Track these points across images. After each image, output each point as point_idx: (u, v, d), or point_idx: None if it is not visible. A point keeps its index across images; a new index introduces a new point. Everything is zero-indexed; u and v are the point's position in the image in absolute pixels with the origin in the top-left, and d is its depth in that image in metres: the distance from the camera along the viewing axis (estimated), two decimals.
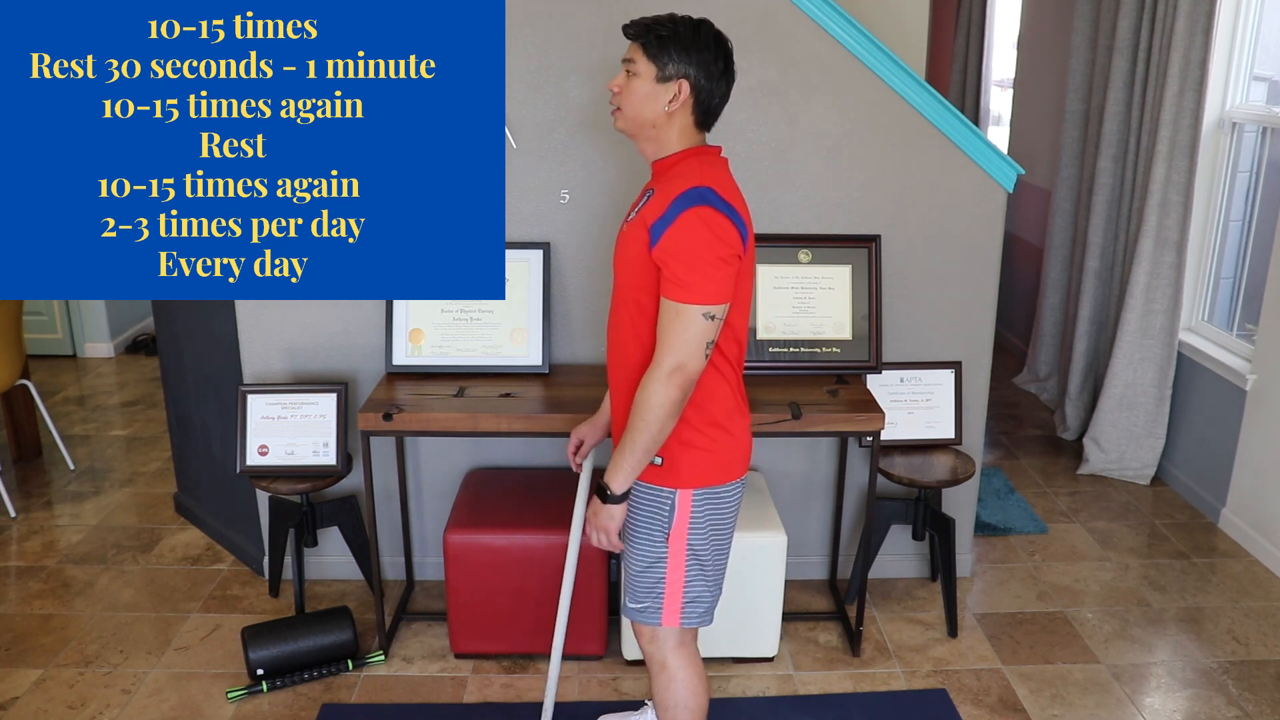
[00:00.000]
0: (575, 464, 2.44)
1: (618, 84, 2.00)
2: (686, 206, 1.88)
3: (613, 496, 2.01)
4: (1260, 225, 3.82)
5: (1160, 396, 4.01)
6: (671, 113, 1.96)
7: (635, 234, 1.97)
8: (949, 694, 2.82)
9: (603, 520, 2.04)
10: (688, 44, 1.94)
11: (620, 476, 1.99)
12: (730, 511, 2.13)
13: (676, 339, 1.88)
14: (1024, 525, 3.74)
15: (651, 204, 1.95)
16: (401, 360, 2.95)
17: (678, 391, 1.90)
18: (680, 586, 2.10)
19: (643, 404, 1.91)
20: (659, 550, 2.08)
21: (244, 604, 3.23)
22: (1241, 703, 2.79)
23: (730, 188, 1.98)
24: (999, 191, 3.03)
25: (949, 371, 3.12)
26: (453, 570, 2.82)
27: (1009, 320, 5.69)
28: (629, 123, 2.00)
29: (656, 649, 2.17)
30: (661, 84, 1.95)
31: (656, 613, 2.12)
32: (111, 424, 4.73)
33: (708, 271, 1.87)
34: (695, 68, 1.94)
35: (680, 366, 1.89)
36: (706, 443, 2.04)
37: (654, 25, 1.95)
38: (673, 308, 1.89)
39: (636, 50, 1.96)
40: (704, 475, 2.05)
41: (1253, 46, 3.78)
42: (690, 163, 1.98)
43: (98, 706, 2.75)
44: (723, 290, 1.89)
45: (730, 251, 1.90)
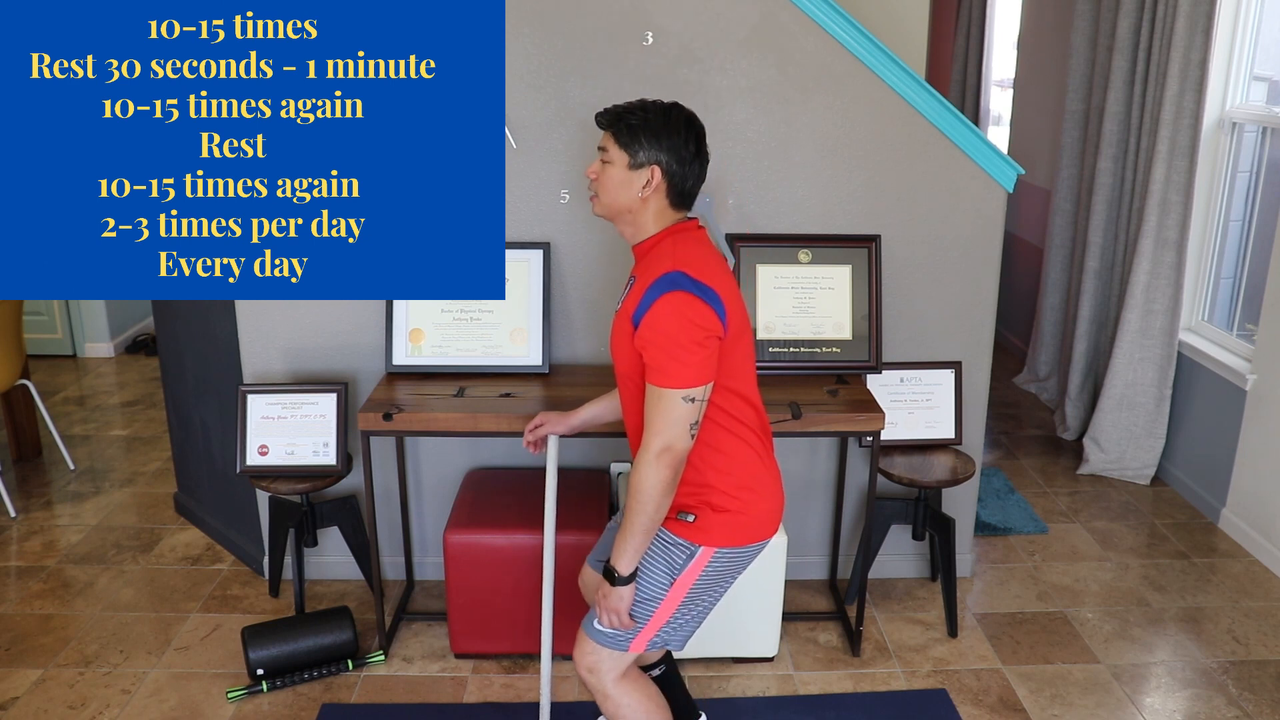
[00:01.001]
0: (527, 442, 2.46)
1: (594, 171, 2.06)
2: (659, 295, 1.92)
3: (621, 579, 2.02)
4: (1260, 225, 3.82)
5: (1160, 396, 4.02)
6: (645, 198, 2.02)
7: (621, 324, 2.03)
8: (949, 694, 2.82)
9: (613, 602, 2.04)
10: (657, 130, 1.99)
11: (625, 559, 2.00)
12: (744, 568, 2.15)
13: (660, 423, 1.92)
14: (1024, 525, 3.74)
15: (632, 293, 2.02)
16: (401, 360, 2.95)
17: (668, 471, 1.94)
18: (661, 624, 2.11)
19: (637, 487, 1.95)
20: (658, 590, 2.08)
21: (244, 604, 3.23)
22: (1241, 703, 2.79)
23: (705, 264, 2.00)
24: (999, 191, 3.03)
25: (949, 371, 3.12)
26: (453, 570, 2.82)
27: (1009, 320, 5.69)
28: (606, 209, 2.07)
29: (597, 680, 2.15)
30: (634, 170, 2.00)
31: (625, 641, 2.11)
32: (111, 424, 4.73)
33: (683, 357, 1.90)
34: (666, 153, 1.99)
35: (668, 448, 1.93)
36: (738, 506, 2.07)
37: (624, 114, 2.00)
38: (655, 392, 1.93)
39: (609, 139, 2.02)
40: (734, 536, 2.08)
41: (1253, 46, 3.78)
42: (664, 245, 2.02)
43: (98, 706, 2.75)
44: (701, 373, 1.93)
45: (705, 334, 1.93)
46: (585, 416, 2.42)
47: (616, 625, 2.06)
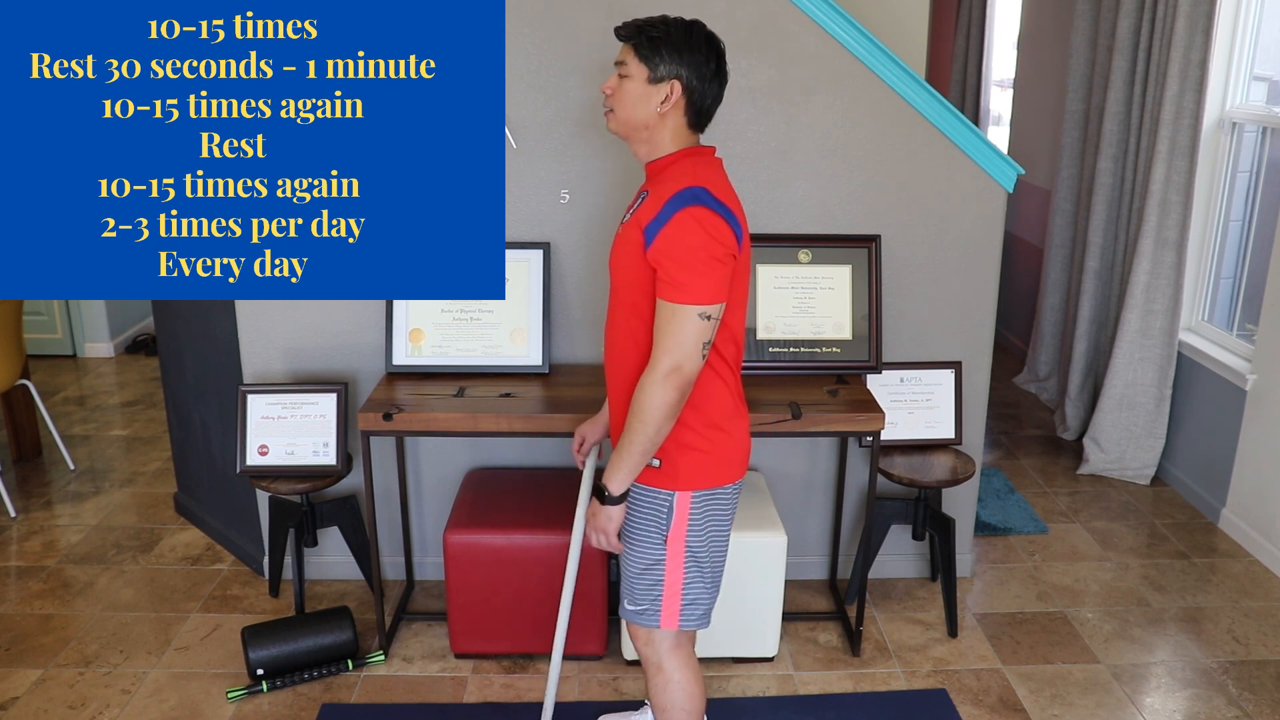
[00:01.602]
0: (580, 460, 2.45)
1: (610, 86, 2.00)
2: (680, 207, 1.88)
3: (611, 498, 2.01)
4: (1260, 225, 3.82)
5: (1160, 396, 4.02)
6: (664, 114, 1.97)
7: (630, 235, 1.97)
8: (949, 694, 2.82)
9: (601, 521, 2.05)
10: (679, 45, 1.94)
11: (618, 478, 1.99)
12: (728, 513, 2.13)
13: (672, 340, 1.88)
14: (1024, 525, 3.74)
15: (646, 205, 1.96)
16: (401, 360, 2.95)
17: (675, 393, 1.90)
18: (679, 589, 2.10)
19: (640, 405, 1.91)
20: (658, 552, 2.08)
21: (244, 604, 3.23)
22: (1241, 703, 2.79)
23: (724, 188, 1.98)
24: (999, 191, 3.03)
25: (949, 371, 3.12)
26: (453, 570, 2.82)
27: (1009, 320, 5.69)
28: (622, 124, 2.01)
29: (652, 651, 2.16)
30: (653, 85, 1.95)
31: (655, 615, 2.12)
32: (111, 424, 4.73)
33: (702, 271, 1.87)
34: (687, 68, 1.95)
35: (677, 367, 1.89)
36: (705, 444, 2.04)
37: (645, 26, 1.96)
38: (668, 308, 1.89)
39: (628, 52, 1.97)
40: (702, 477, 2.05)
41: (1253, 46, 3.78)
42: (684, 164, 1.98)
43: (98, 706, 2.75)
44: (718, 290, 1.89)
45: (725, 251, 1.90)
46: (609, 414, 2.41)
47: (605, 546, 2.06)
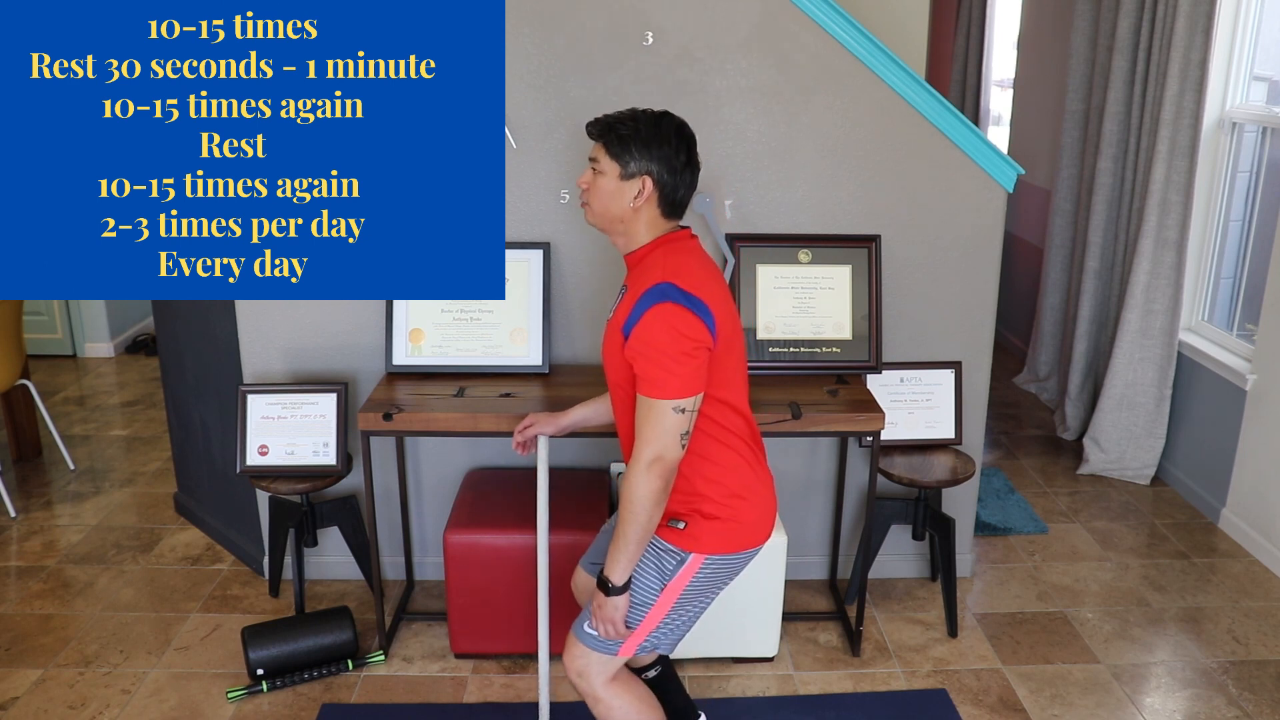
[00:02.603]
0: (516, 443, 2.45)
1: (585, 180, 2.05)
2: (649, 305, 1.93)
3: (615, 589, 2.02)
4: (1260, 225, 3.82)
5: (1160, 396, 4.02)
6: (637, 208, 2.01)
7: (612, 334, 2.03)
8: (949, 694, 2.82)
9: (608, 612, 2.04)
10: (648, 140, 1.98)
11: (619, 569, 2.00)
12: (735, 575, 2.15)
13: (651, 433, 1.93)
14: (1024, 525, 3.74)
15: (623, 303, 2.02)
16: (401, 360, 2.95)
17: (659, 481, 1.94)
18: (651, 628, 2.11)
19: (628, 498, 1.95)
20: (649, 596, 2.08)
21: (244, 604, 3.23)
22: (1241, 703, 2.79)
23: (696, 274, 2.00)
24: (999, 191, 3.03)
25: (949, 371, 3.12)
26: (453, 570, 2.82)
27: (1009, 320, 5.69)
28: (598, 218, 2.06)
29: (586, 684, 2.14)
30: (625, 181, 2.00)
31: (615, 646, 2.11)
32: (111, 424, 4.73)
33: (673, 368, 1.91)
34: (657, 163, 1.99)
35: (659, 458, 1.93)
36: (729, 514, 2.07)
37: (615, 124, 2.00)
38: (645, 403, 1.93)
39: (599, 150, 2.02)
40: (724, 543, 2.08)
41: (1253, 46, 3.78)
42: (656, 254, 2.02)
43: (98, 706, 2.75)
44: (691, 383, 1.93)
45: (695, 345, 1.93)
46: (575, 418, 2.42)
47: (613, 635, 2.06)
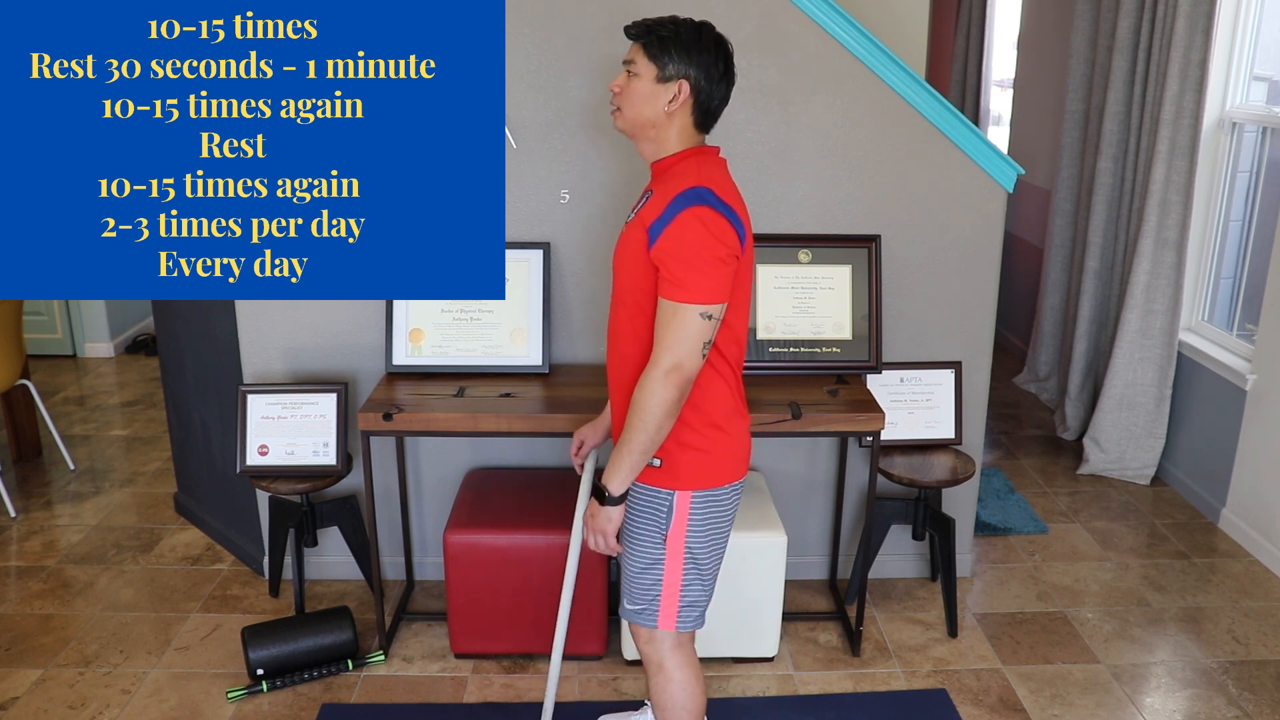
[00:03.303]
0: (578, 465, 2.44)
1: (618, 84, 2.01)
2: (684, 206, 1.89)
3: (611, 498, 2.01)
4: (1260, 225, 3.82)
5: (1160, 396, 4.02)
6: (671, 113, 1.98)
7: (634, 234, 1.98)
8: (949, 694, 2.82)
9: (600, 522, 2.04)
10: (688, 45, 1.95)
11: (618, 477, 1.98)
12: (728, 513, 2.13)
13: (673, 338, 1.88)
14: (1024, 525, 3.74)
15: (650, 204, 1.96)
16: (401, 360, 2.95)
17: (675, 391, 1.90)
18: (677, 589, 2.10)
19: (640, 404, 1.91)
20: (657, 552, 2.08)
21: (244, 604, 3.23)
22: (1241, 703, 2.79)
23: (728, 188, 1.99)
24: (999, 191, 3.03)
25: (949, 371, 3.12)
26: (453, 570, 2.82)
27: (1009, 320, 5.69)
28: (629, 123, 2.01)
29: (653, 650, 2.17)
30: (661, 84, 1.96)
31: (653, 615, 2.12)
32: (111, 424, 4.73)
33: (705, 271, 1.87)
34: (695, 69, 1.96)
35: (678, 366, 1.89)
36: (706, 444, 2.04)
37: (655, 26, 1.97)
38: (670, 307, 1.89)
39: (637, 50, 1.98)
40: (703, 477, 2.05)
41: (1253, 46, 3.78)
42: (688, 163, 1.99)
43: (98, 706, 2.75)
44: (720, 290, 1.90)
45: (728, 251, 1.90)
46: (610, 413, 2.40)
47: (603, 547, 2.06)
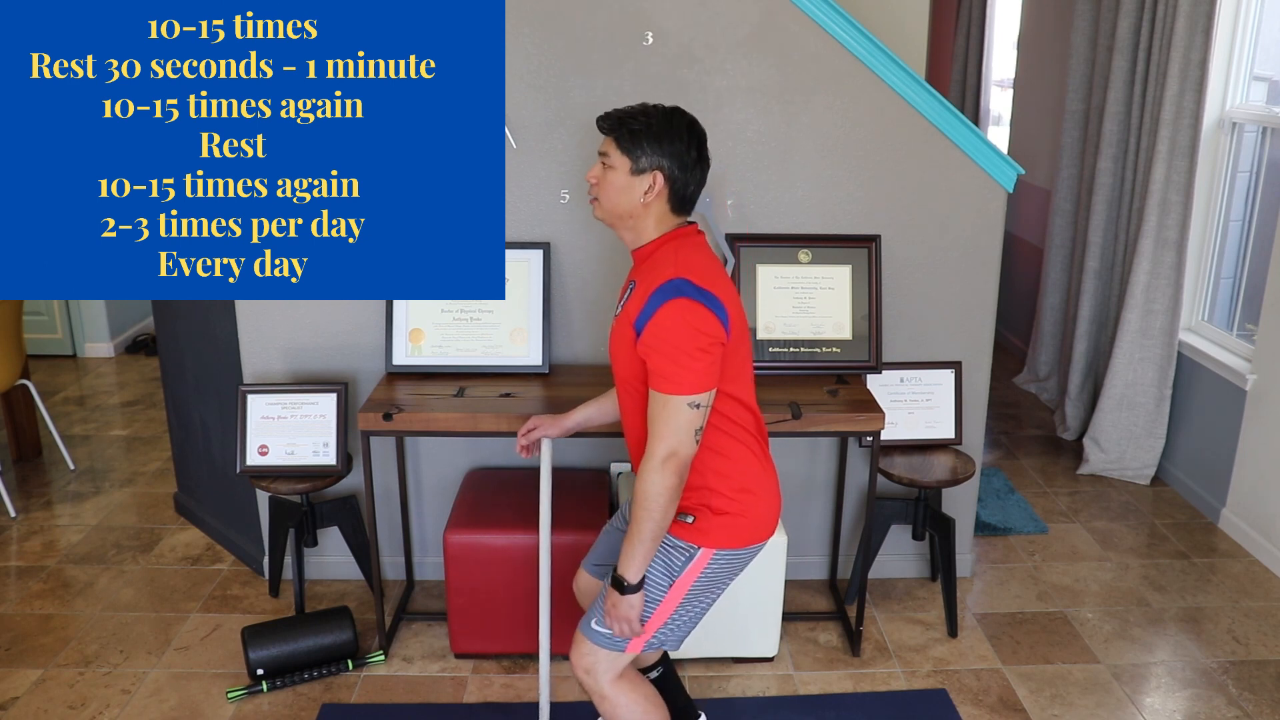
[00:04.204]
0: (520, 446, 2.44)
1: (594, 175, 2.04)
2: (664, 301, 1.92)
3: (630, 587, 2.01)
4: (1260, 225, 3.82)
5: (1160, 396, 4.02)
6: (648, 204, 2.01)
7: (622, 329, 2.02)
8: (949, 694, 2.82)
9: (623, 611, 2.03)
10: (660, 135, 1.98)
11: (634, 566, 1.99)
12: (742, 569, 2.15)
13: (666, 429, 1.92)
14: (1024, 525, 3.74)
15: (633, 299, 2.01)
16: (401, 360, 2.95)
17: (674, 477, 1.93)
18: (659, 625, 2.11)
19: (643, 495, 1.95)
20: (657, 593, 2.08)
21: (244, 604, 3.23)
22: (1241, 703, 2.79)
23: (707, 270, 1.99)
24: (999, 191, 3.03)
25: (949, 371, 3.12)
26: (453, 570, 2.82)
27: (1009, 320, 5.69)
28: (607, 213, 2.05)
29: (594, 681, 2.14)
30: (636, 176, 1.99)
31: (622, 643, 2.11)
32: (111, 424, 4.73)
33: (687, 364, 1.90)
34: (668, 159, 1.99)
35: (673, 454, 1.92)
36: (738, 509, 2.07)
37: (626, 119, 1.99)
38: (659, 399, 1.92)
39: (610, 144, 2.01)
40: (732, 537, 2.08)
41: (1253, 46, 3.78)
42: (665, 250, 2.01)
43: (98, 706, 2.75)
44: (706, 379, 1.93)
45: (710, 340, 1.93)
46: (579, 419, 2.42)
47: (628, 634, 2.06)
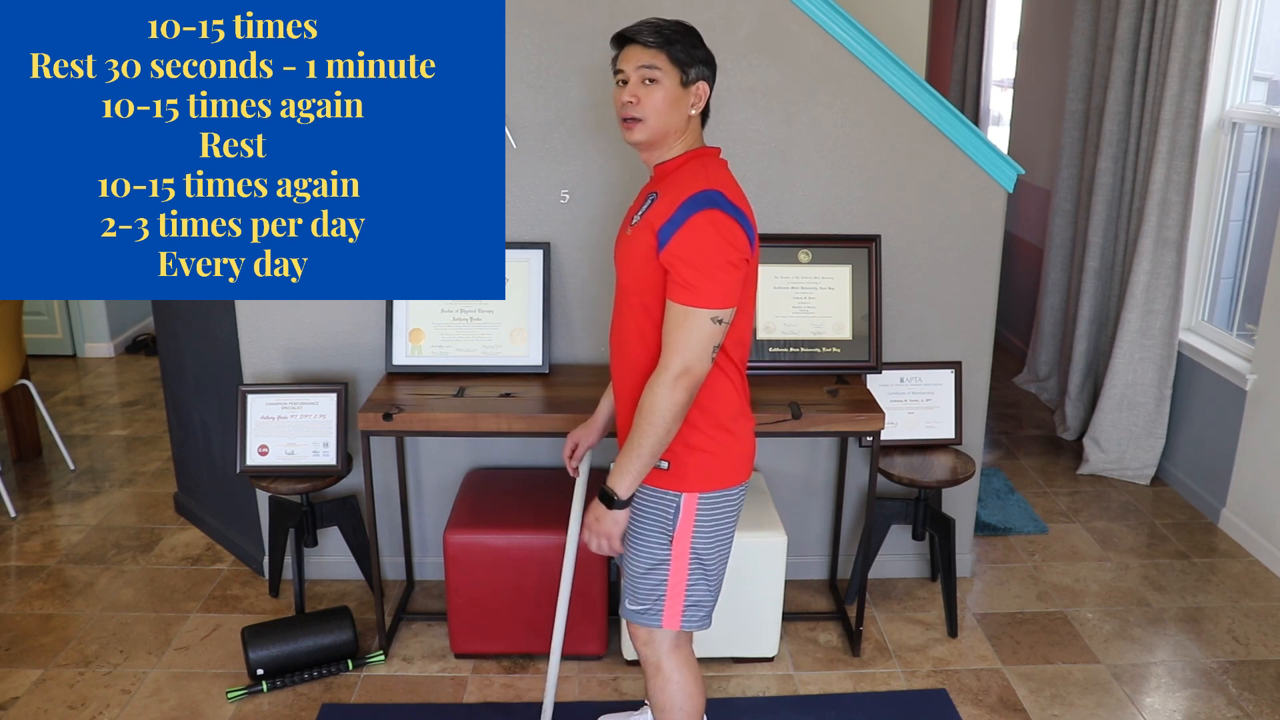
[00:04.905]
0: (571, 468, 2.43)
1: (634, 94, 1.96)
2: (696, 210, 1.88)
3: (618, 502, 1.99)
4: (1260, 225, 3.82)
5: (1160, 396, 4.02)
6: (693, 117, 2.01)
7: (641, 237, 1.96)
8: (949, 694, 2.82)
9: (605, 525, 2.02)
10: (698, 44, 2.00)
11: (625, 481, 1.97)
12: (734, 514, 2.13)
13: (684, 342, 1.88)
14: (1024, 525, 3.74)
15: (657, 207, 1.95)
16: (401, 360, 2.95)
17: (684, 394, 1.90)
18: (682, 590, 2.10)
19: (649, 408, 1.91)
20: (662, 553, 2.08)
21: (244, 604, 3.23)
22: (1241, 703, 2.79)
23: (735, 190, 1.99)
24: (999, 191, 3.03)
25: (949, 371, 3.12)
26: (453, 570, 2.82)
27: (1009, 320, 5.69)
28: (653, 132, 1.97)
29: (652, 651, 2.16)
30: (686, 88, 1.98)
31: (657, 615, 2.11)
32: (111, 424, 4.73)
33: (716, 275, 1.87)
34: (708, 68, 2.01)
35: (687, 369, 1.89)
36: (713, 446, 2.04)
37: (667, 32, 1.97)
38: (680, 311, 1.89)
39: (658, 57, 1.95)
40: (710, 479, 2.05)
41: (1253, 46, 3.78)
42: (693, 165, 1.99)
43: (98, 706, 2.75)
44: (731, 294, 1.90)
45: (739, 255, 1.90)
46: (607, 414, 2.39)
47: (607, 550, 2.05)
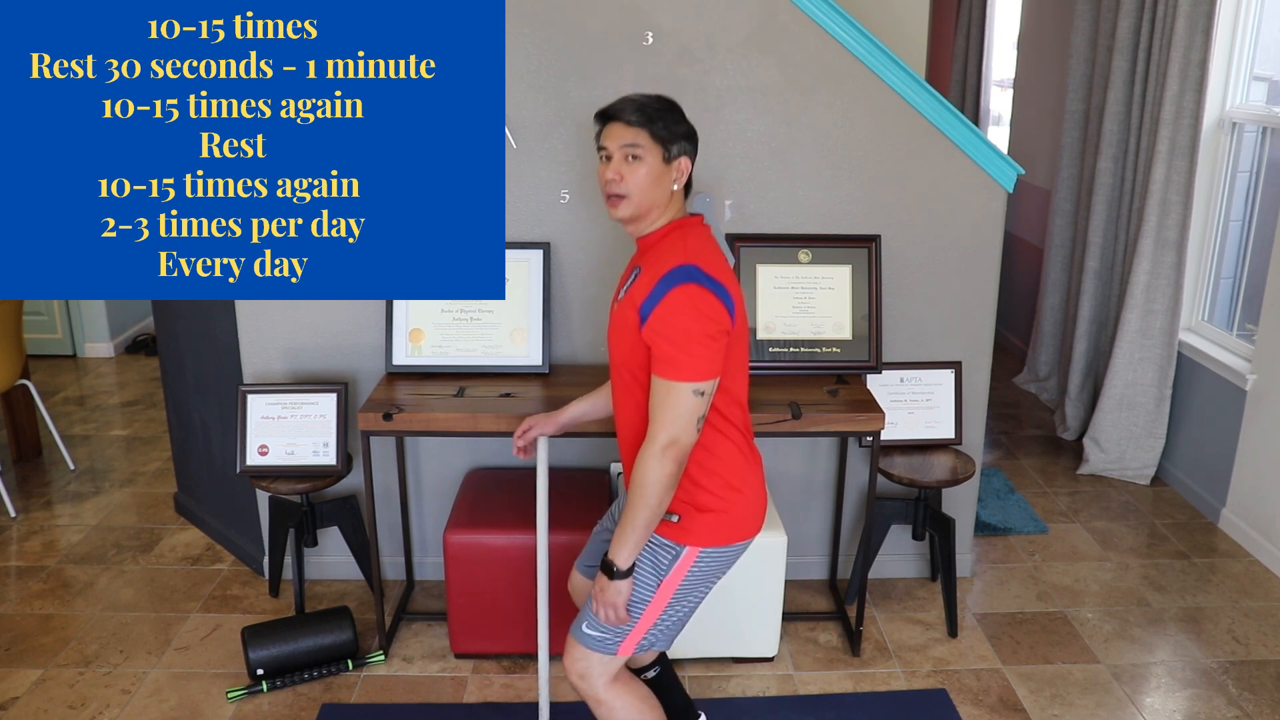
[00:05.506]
0: (517, 447, 2.44)
1: (617, 172, 1.98)
2: (673, 285, 1.91)
3: (619, 573, 2.00)
4: (1260, 225, 3.82)
5: (1160, 396, 4.02)
6: (676, 192, 2.02)
7: (625, 314, 2.00)
8: (949, 694, 2.82)
9: (610, 596, 2.02)
10: (680, 120, 2.01)
11: (625, 552, 1.99)
12: (729, 567, 2.14)
13: (668, 416, 1.91)
14: (1024, 525, 3.74)
15: (639, 283, 1.99)
16: (401, 360, 2.95)
17: (673, 465, 1.93)
18: (649, 626, 2.10)
19: (640, 481, 1.94)
20: (645, 594, 2.08)
21: (244, 604, 3.23)
22: (1241, 703, 2.79)
23: (715, 260, 2.00)
24: (999, 191, 3.03)
25: (949, 371, 3.12)
26: (453, 570, 2.82)
27: (1009, 320, 5.69)
28: (637, 207, 2.01)
29: (589, 686, 2.14)
30: (668, 164, 2.00)
31: (615, 645, 2.10)
32: (111, 424, 4.73)
33: (694, 349, 1.89)
34: (689, 143, 2.02)
35: (674, 441, 1.92)
36: (722, 505, 2.06)
37: (650, 110, 1.98)
38: (663, 385, 1.92)
39: (641, 135, 1.97)
40: (717, 535, 2.07)
41: (1253, 46, 3.78)
42: (673, 237, 2.01)
43: (98, 706, 2.75)
44: (711, 366, 1.92)
45: (718, 328, 1.92)
46: (572, 414, 2.41)
47: (614, 621, 2.05)
